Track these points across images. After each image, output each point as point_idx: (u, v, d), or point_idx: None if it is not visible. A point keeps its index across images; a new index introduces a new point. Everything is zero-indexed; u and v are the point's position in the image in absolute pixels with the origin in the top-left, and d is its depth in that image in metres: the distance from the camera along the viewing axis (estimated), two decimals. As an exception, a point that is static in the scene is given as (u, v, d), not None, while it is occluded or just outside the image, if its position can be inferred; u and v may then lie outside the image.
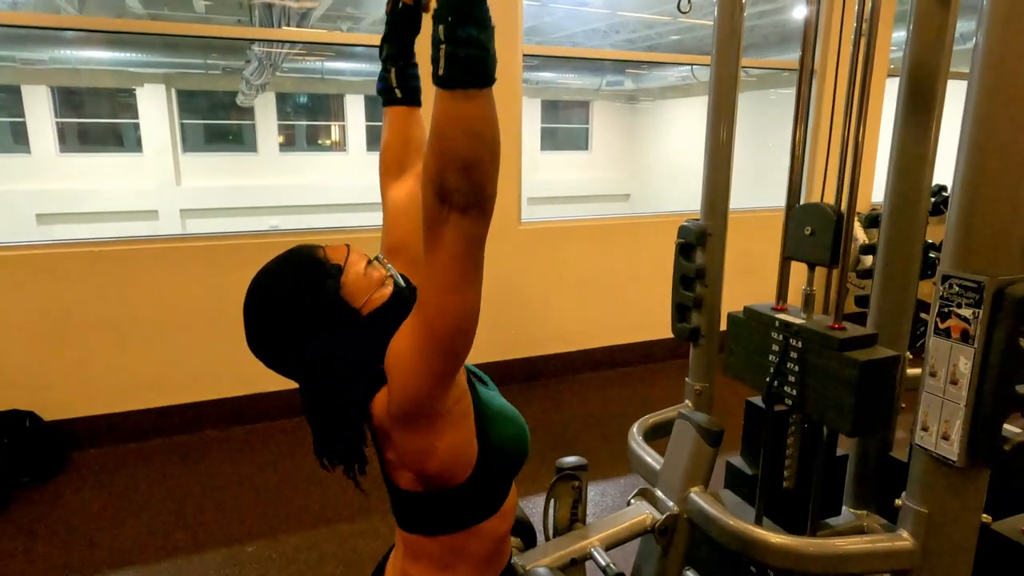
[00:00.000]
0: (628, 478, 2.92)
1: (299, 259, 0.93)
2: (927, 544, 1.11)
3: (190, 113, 14.40)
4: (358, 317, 0.91)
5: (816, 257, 1.30)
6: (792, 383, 1.29)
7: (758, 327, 1.36)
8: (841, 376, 1.17)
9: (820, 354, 1.23)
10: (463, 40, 0.70)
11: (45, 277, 3.05)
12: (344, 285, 0.91)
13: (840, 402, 1.18)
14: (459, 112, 0.72)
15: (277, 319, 0.90)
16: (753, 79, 11.59)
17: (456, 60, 0.70)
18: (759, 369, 1.36)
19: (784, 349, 1.29)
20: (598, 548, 1.32)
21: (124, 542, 2.52)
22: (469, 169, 0.72)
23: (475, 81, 0.71)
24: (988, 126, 1.00)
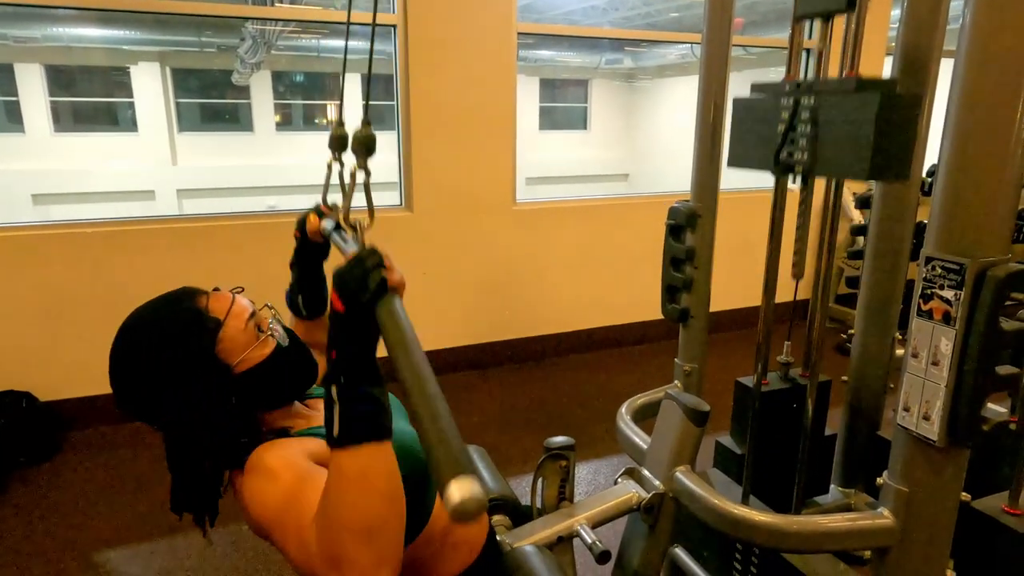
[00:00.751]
0: (621, 457, 2.95)
1: (178, 307, 0.91)
2: (907, 522, 1.13)
3: (185, 92, 14.28)
4: (230, 374, 0.89)
5: (831, 4, 1.18)
6: (803, 147, 1.20)
7: (765, 100, 1.26)
8: (858, 115, 1.08)
9: (835, 103, 1.13)
10: (357, 398, 0.69)
11: (42, 258, 3.05)
12: (220, 340, 0.89)
13: (857, 143, 1.08)
14: (358, 470, 0.68)
15: (144, 365, 0.87)
16: (753, 57, 11.49)
17: (351, 419, 0.68)
18: (765, 146, 1.27)
19: (795, 109, 1.20)
20: (585, 526, 1.34)
21: (122, 521, 2.55)
22: (373, 535, 0.68)
23: (372, 436, 0.69)
24: (974, 106, 1.00)
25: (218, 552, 2.38)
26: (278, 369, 0.92)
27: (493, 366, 4.00)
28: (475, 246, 3.78)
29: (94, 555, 2.37)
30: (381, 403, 0.71)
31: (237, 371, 0.89)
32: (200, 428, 0.88)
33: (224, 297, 0.93)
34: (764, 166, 1.30)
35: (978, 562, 1.36)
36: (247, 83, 14.10)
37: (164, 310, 0.91)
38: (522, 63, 3.08)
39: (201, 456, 0.89)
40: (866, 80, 1.11)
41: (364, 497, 0.67)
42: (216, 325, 0.89)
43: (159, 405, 0.88)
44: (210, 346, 0.88)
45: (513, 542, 1.27)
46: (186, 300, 0.92)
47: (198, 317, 0.89)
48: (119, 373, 0.89)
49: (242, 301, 0.95)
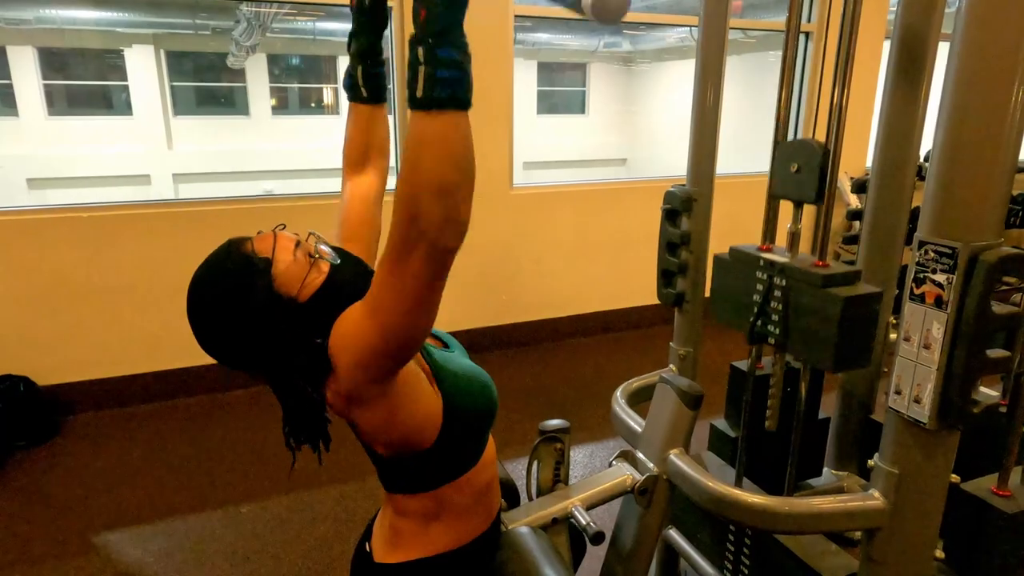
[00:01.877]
0: (615, 440, 2.97)
1: (227, 260, 0.93)
2: (897, 504, 1.14)
3: (180, 75, 14.16)
4: (296, 305, 0.91)
5: (802, 194, 1.28)
6: (776, 322, 1.29)
7: (743, 267, 1.34)
8: (824, 312, 1.17)
9: (804, 291, 1.22)
10: (443, 62, 0.70)
11: (38, 242, 3.04)
12: (275, 277, 0.91)
13: (823, 338, 1.18)
14: (436, 135, 0.71)
15: (217, 324, 0.91)
16: (753, 40, 11.41)
17: (435, 82, 0.70)
18: (743, 310, 1.35)
19: (768, 288, 1.28)
20: (579, 508, 1.35)
21: (120, 504, 2.57)
22: (444, 195, 0.71)
23: (453, 103, 0.71)
24: (969, 89, 1.00)
25: (217, 534, 2.40)
26: (339, 286, 0.94)
27: (489, 350, 4.02)
28: (472, 231, 3.68)
29: (93, 537, 2.39)
30: (465, 71, 0.72)
31: (302, 300, 0.92)
32: (292, 358, 0.91)
33: (267, 237, 0.95)
34: (743, 329, 1.39)
35: (967, 543, 1.37)
36: (242, 66, 13.97)
37: (216, 266, 0.93)
38: (519, 46, 3.06)
39: (301, 385, 0.93)
40: (831, 275, 1.20)
41: (439, 161, 0.71)
42: (266, 264, 0.91)
43: (247, 354, 0.92)
44: (268, 284, 0.90)
45: (508, 523, 1.28)
46: (233, 250, 0.94)
47: (248, 261, 0.91)
48: (201, 336, 0.92)
49: (285, 234, 0.97)
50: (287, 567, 2.24)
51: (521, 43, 12.72)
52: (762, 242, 1.41)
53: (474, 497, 1.07)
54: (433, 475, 1.01)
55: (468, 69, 0.73)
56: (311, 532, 2.40)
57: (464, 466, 1.03)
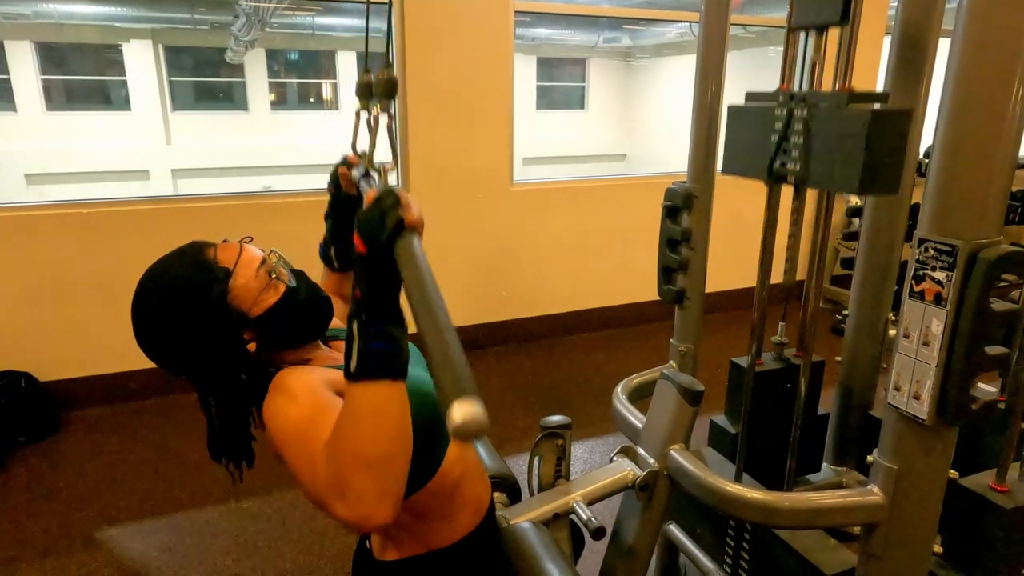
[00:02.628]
0: (616, 436, 2.98)
1: (186, 261, 0.93)
2: (896, 499, 1.15)
3: (178, 70, 14.10)
4: (247, 320, 0.92)
5: (825, 17, 1.20)
6: (796, 158, 1.22)
7: (760, 108, 1.29)
8: (849, 130, 1.10)
9: (826, 117, 1.15)
10: (375, 336, 0.71)
11: (37, 238, 3.04)
12: (232, 289, 0.91)
13: (848, 159, 1.10)
14: (370, 406, 0.71)
15: (161, 324, 0.91)
16: (752, 36, 11.38)
17: (367, 355, 0.70)
18: (759, 154, 1.29)
19: (788, 121, 1.22)
20: (580, 503, 1.36)
21: (122, 499, 2.58)
22: (380, 467, 0.70)
23: (386, 374, 0.71)
24: (970, 87, 1.00)
25: (219, 529, 2.41)
26: (291, 309, 0.95)
27: (490, 346, 4.02)
28: (472, 227, 3.78)
29: (96, 532, 2.40)
30: (399, 343, 0.73)
31: (252, 316, 0.92)
32: (223, 374, 0.91)
33: (232, 247, 0.96)
34: (758, 175, 1.32)
35: (965, 538, 1.39)
36: (241, 61, 13.93)
37: (174, 265, 0.93)
38: (519, 42, 3.06)
39: (229, 400, 0.93)
40: (858, 94, 1.12)
41: (373, 431, 0.70)
42: (226, 275, 0.92)
43: (183, 356, 0.92)
44: (222, 295, 0.91)
45: (510, 519, 1.29)
46: (195, 253, 0.94)
47: (207, 268, 0.92)
48: (141, 330, 0.93)
49: (251, 250, 0.97)
50: (289, 562, 2.25)
51: (521, 38, 12.68)
52: (782, 81, 1.35)
53: (448, 497, 1.05)
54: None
55: (402, 341, 0.73)
56: (312, 526, 2.41)
57: (425, 475, 1.00)
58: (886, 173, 1.09)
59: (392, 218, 0.70)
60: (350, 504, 0.70)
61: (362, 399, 0.71)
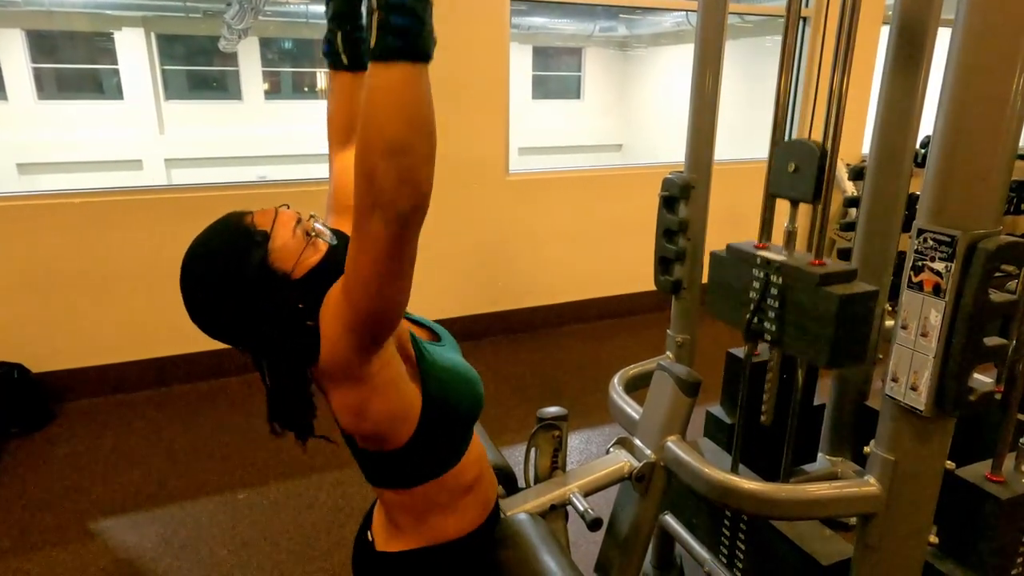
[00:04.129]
0: (612, 426, 2.99)
1: (224, 229, 0.92)
2: (893, 490, 1.15)
3: (171, 59, 13.98)
4: (289, 282, 0.90)
5: (799, 193, 1.29)
6: (772, 319, 1.30)
7: (740, 264, 1.36)
8: (820, 310, 1.19)
9: (800, 289, 1.24)
10: (396, 8, 0.65)
11: (30, 229, 3.01)
12: (272, 252, 0.90)
13: (818, 336, 1.20)
14: (387, 88, 0.66)
15: (208, 293, 0.90)
16: (749, 25, 11.33)
17: (388, 29, 0.65)
18: (740, 307, 1.37)
19: (765, 285, 1.30)
20: (577, 494, 1.36)
21: (116, 490, 2.57)
22: (396, 154, 0.67)
23: (408, 54, 0.65)
24: (970, 77, 0.99)
25: (215, 520, 2.40)
26: (334, 267, 0.92)
27: (486, 337, 4.02)
28: (468, 217, 3.76)
29: (90, 524, 2.39)
30: (423, 20, 0.67)
31: (295, 277, 0.91)
32: (281, 337, 0.90)
33: (268, 212, 0.95)
34: (738, 326, 1.41)
35: (961, 528, 1.39)
36: (234, 50, 13.78)
37: (213, 236, 0.92)
38: (515, 31, 3.03)
39: (287, 367, 0.92)
40: (828, 274, 1.21)
41: (391, 117, 0.66)
42: (264, 237, 0.91)
43: (233, 323, 0.91)
44: (263, 257, 0.90)
45: (507, 510, 1.29)
46: (231, 221, 0.93)
47: (246, 232, 0.91)
48: (192, 305, 0.91)
49: (286, 211, 0.96)
50: (284, 553, 2.25)
51: (516, 27, 12.61)
52: (759, 239, 1.41)
53: (461, 494, 1.05)
54: (411, 473, 1.00)
55: (426, 18, 0.67)
56: (308, 518, 2.41)
57: (444, 465, 1.01)
58: (854, 348, 1.21)
59: None
60: (375, 193, 0.68)
61: (378, 80, 0.66)
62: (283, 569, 2.18)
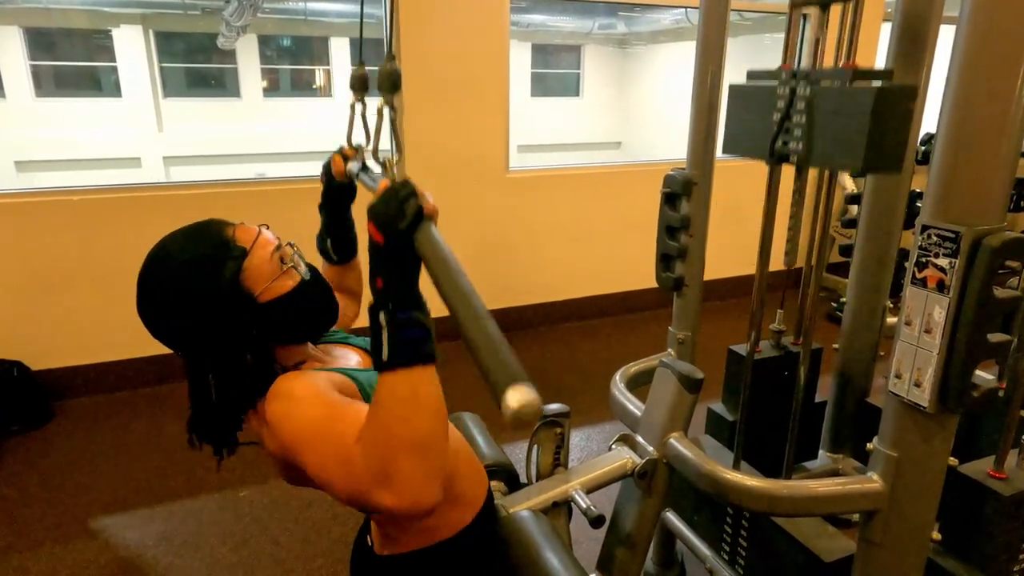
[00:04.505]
0: (612, 424, 2.98)
1: (205, 235, 0.92)
2: (895, 486, 1.15)
3: (169, 56, 13.94)
4: (253, 304, 0.90)
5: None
6: (798, 137, 1.20)
7: (762, 87, 1.27)
8: (854, 107, 1.07)
9: (831, 94, 1.13)
10: (404, 324, 0.71)
11: (29, 226, 3.01)
12: (245, 269, 0.90)
13: (852, 137, 1.08)
14: (409, 392, 0.71)
15: (169, 292, 0.89)
16: (748, 23, 11.32)
17: (399, 344, 0.71)
18: (761, 133, 1.27)
19: (790, 99, 1.20)
20: (579, 491, 1.36)
21: (117, 488, 2.56)
22: (424, 448, 0.71)
23: (420, 359, 0.72)
24: (974, 74, 0.99)
25: (215, 518, 2.40)
26: (301, 302, 0.94)
27: (486, 335, 4.01)
28: (467, 214, 3.76)
29: (91, 521, 2.39)
30: (426, 327, 0.73)
31: (260, 300, 0.91)
32: (222, 354, 0.90)
33: (251, 229, 0.95)
34: (759, 155, 1.29)
35: (964, 525, 1.39)
36: (233, 47, 13.77)
37: (192, 238, 0.92)
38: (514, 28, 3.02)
39: (222, 383, 0.92)
40: (862, 71, 1.10)
41: (415, 416, 0.71)
42: (242, 253, 0.91)
43: (184, 330, 0.90)
44: (236, 273, 0.90)
45: (509, 507, 1.28)
46: (213, 229, 0.93)
47: (225, 245, 0.91)
48: (146, 298, 0.90)
49: (267, 233, 0.96)
50: (285, 551, 2.25)
51: (515, 24, 12.58)
52: (784, 60, 1.33)
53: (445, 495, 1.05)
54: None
55: (429, 324, 0.74)
56: (308, 516, 2.41)
57: None
58: (891, 150, 1.08)
59: (412, 207, 0.71)
60: (399, 491, 0.71)
61: (400, 386, 0.72)
62: (284, 567, 2.18)
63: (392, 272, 0.72)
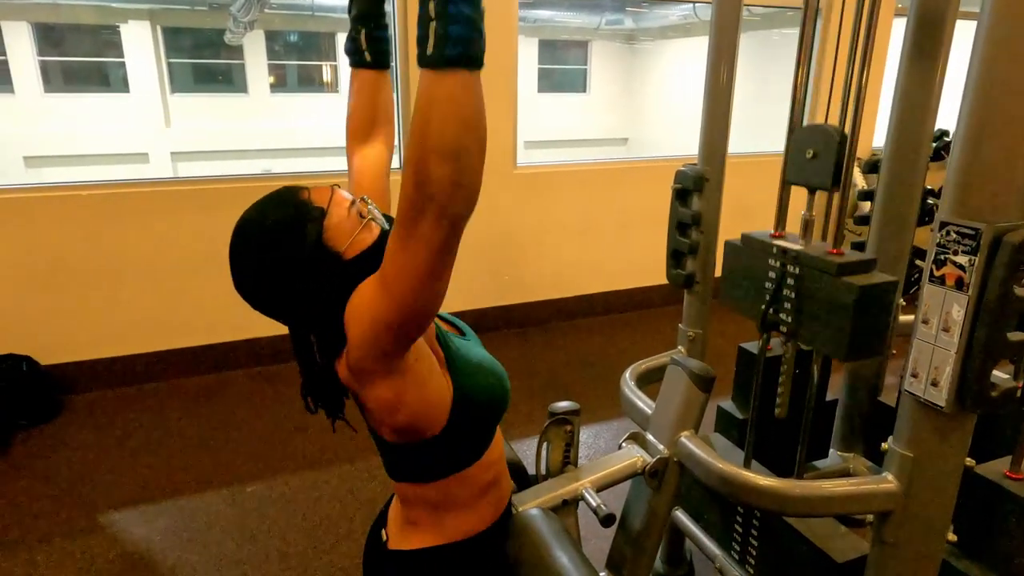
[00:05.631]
0: (620, 421, 2.97)
1: (281, 202, 0.91)
2: (911, 487, 1.14)
3: (177, 52, 13.98)
4: (340, 260, 0.90)
5: (817, 181, 1.25)
6: (788, 310, 1.27)
7: (755, 254, 1.33)
8: (838, 301, 1.15)
9: (817, 279, 1.20)
10: (455, 18, 0.67)
11: (37, 221, 3.01)
12: (327, 229, 0.90)
13: (836, 327, 1.16)
14: (446, 95, 0.68)
15: (259, 263, 0.89)
16: (756, 18, 11.25)
17: (447, 39, 0.67)
18: (755, 297, 1.34)
19: (781, 275, 1.27)
20: (589, 490, 1.34)
21: (124, 482, 2.57)
22: (454, 157, 0.69)
23: (465, 62, 0.68)
24: (996, 67, 0.97)
25: (223, 513, 2.40)
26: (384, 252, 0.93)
27: (492, 330, 4.01)
28: (476, 210, 3.73)
29: (99, 516, 2.39)
30: (479, 29, 0.69)
31: (347, 257, 0.91)
32: (319, 314, 0.90)
33: (324, 189, 0.94)
34: (753, 317, 1.36)
35: (980, 526, 1.37)
36: (240, 43, 13.78)
37: (271, 206, 0.92)
38: (521, 23, 3.00)
39: (323, 341, 0.92)
40: (846, 264, 1.17)
41: (449, 122, 0.68)
42: (320, 214, 0.90)
43: (279, 295, 0.91)
44: (318, 234, 0.89)
45: (519, 505, 1.27)
46: (289, 195, 0.92)
47: (303, 208, 0.90)
48: (239, 270, 0.91)
49: (341, 192, 0.96)
50: (292, 546, 2.25)
51: (523, 20, 12.56)
52: (775, 228, 1.39)
53: (480, 491, 1.06)
54: (437, 465, 1.00)
55: (481, 27, 0.69)
56: (316, 511, 2.41)
57: (469, 459, 1.02)
58: (872, 340, 1.17)
59: None
60: (429, 194, 0.70)
61: (437, 87, 0.68)
62: (290, 562, 2.18)
63: None
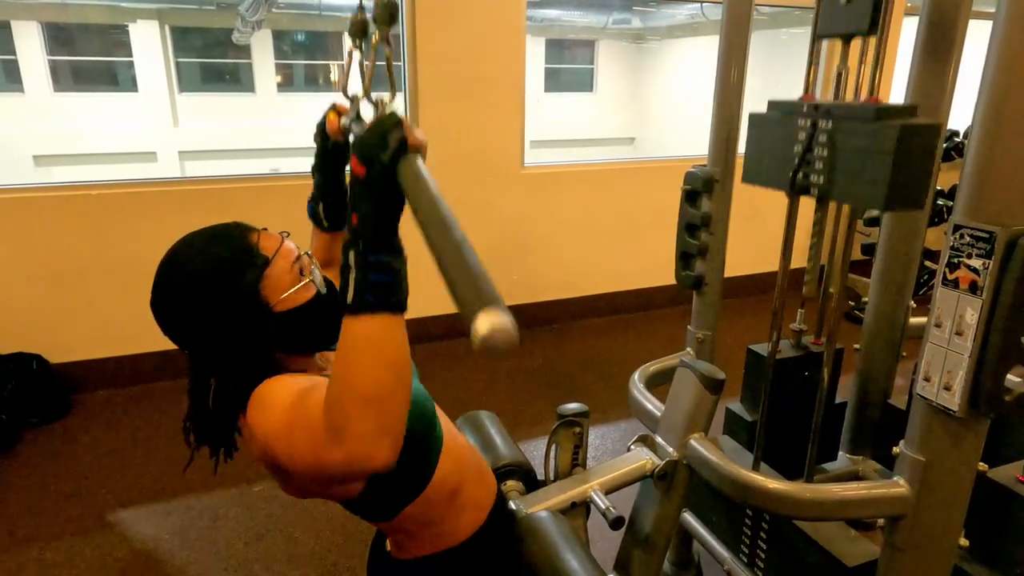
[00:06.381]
0: (628, 422, 2.97)
1: (230, 238, 0.91)
2: (923, 491, 1.13)
3: (185, 51, 14.03)
4: (269, 312, 0.90)
5: (853, 26, 1.15)
6: (819, 170, 1.18)
7: (782, 118, 1.24)
8: (877, 145, 1.06)
9: (853, 130, 1.11)
10: (373, 265, 0.67)
11: (47, 220, 3.03)
12: (266, 278, 0.89)
13: (874, 174, 1.07)
14: (368, 339, 0.67)
15: (185, 291, 0.88)
16: (764, 18, 11.19)
17: (365, 286, 0.67)
18: (782, 165, 1.26)
19: (811, 134, 1.18)
20: (598, 492, 1.34)
21: (134, 482, 2.58)
22: (377, 401, 0.67)
23: (385, 307, 0.67)
24: (1012, 69, 0.96)
25: (231, 513, 2.41)
26: (315, 315, 0.93)
27: (500, 331, 4.00)
28: (482, 210, 3.75)
29: (108, 514, 2.40)
30: (399, 274, 0.69)
31: (276, 310, 0.90)
32: (228, 358, 0.89)
33: (274, 237, 0.94)
34: (780, 186, 1.27)
35: (992, 530, 1.36)
36: (248, 42, 13.84)
37: (217, 239, 0.91)
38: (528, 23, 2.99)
39: (222, 386, 0.91)
40: (886, 108, 1.08)
41: (372, 366, 0.67)
42: (264, 262, 0.90)
43: (195, 329, 0.90)
44: (256, 281, 0.89)
45: (527, 507, 1.27)
46: (239, 234, 0.92)
47: (249, 252, 0.90)
48: (161, 292, 0.90)
49: (289, 243, 0.95)
50: (300, 546, 2.25)
51: (530, 19, 12.56)
52: (805, 92, 1.31)
53: (446, 506, 1.03)
54: (384, 508, 0.99)
55: (402, 272, 0.69)
56: (324, 511, 2.41)
57: (415, 490, 0.98)
58: (913, 189, 1.06)
59: (395, 137, 0.67)
60: (348, 444, 0.67)
61: (359, 332, 0.68)
62: (298, 562, 2.19)
63: (369, 207, 0.67)
